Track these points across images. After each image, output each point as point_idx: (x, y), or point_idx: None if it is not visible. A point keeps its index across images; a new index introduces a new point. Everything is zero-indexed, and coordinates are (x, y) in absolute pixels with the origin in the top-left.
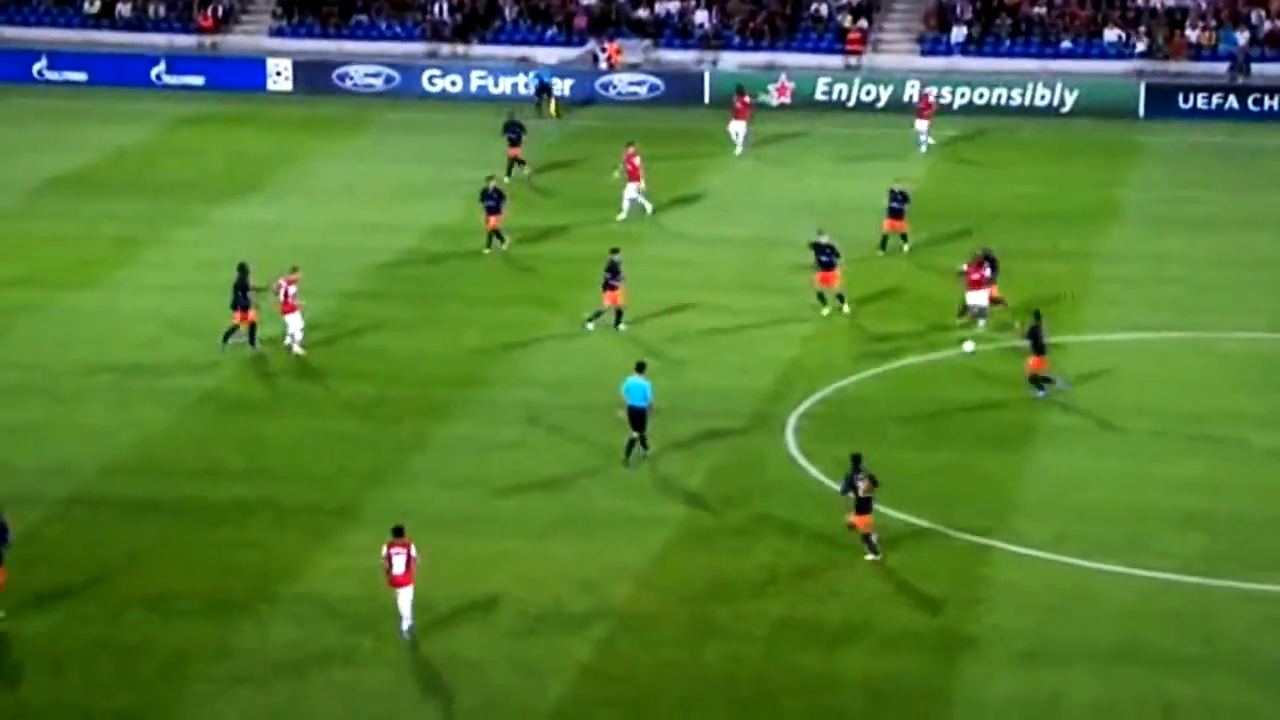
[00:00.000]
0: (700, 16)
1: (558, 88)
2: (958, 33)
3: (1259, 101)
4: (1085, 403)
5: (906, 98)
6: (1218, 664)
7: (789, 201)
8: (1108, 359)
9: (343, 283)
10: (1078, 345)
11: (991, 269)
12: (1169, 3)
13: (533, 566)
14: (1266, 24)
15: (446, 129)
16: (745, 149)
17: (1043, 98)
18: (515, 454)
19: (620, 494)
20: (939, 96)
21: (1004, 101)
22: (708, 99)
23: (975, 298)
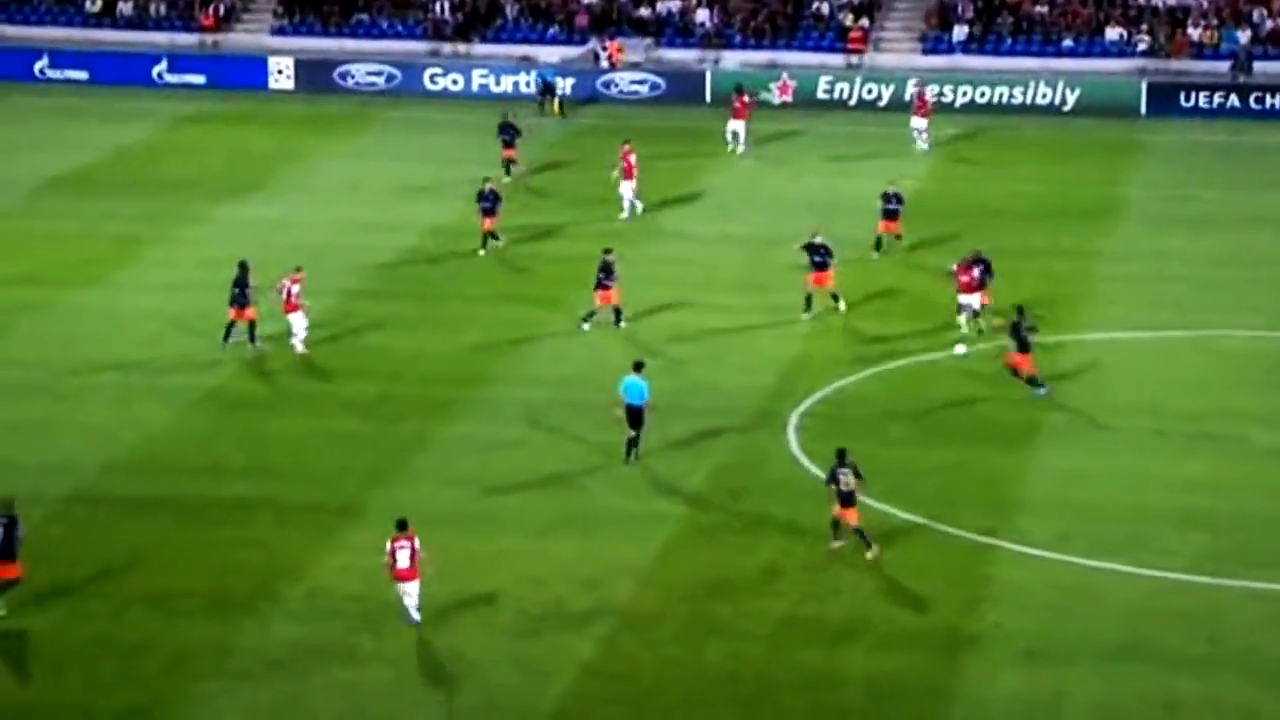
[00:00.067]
0: (701, 15)
1: (559, 87)
2: (959, 31)
3: (1260, 100)
4: (1087, 401)
5: (908, 96)
6: (1221, 663)
7: (790, 200)
8: (1109, 358)
9: (344, 281)
10: (1080, 344)
11: (985, 271)
12: (1170, 1)
13: (534, 565)
14: (1268, 22)
15: (448, 128)
16: (747, 148)
17: (1044, 96)
18: (517, 452)
19: (622, 492)
20: (939, 95)
21: (1005, 100)
22: (709, 98)
23: (966, 300)
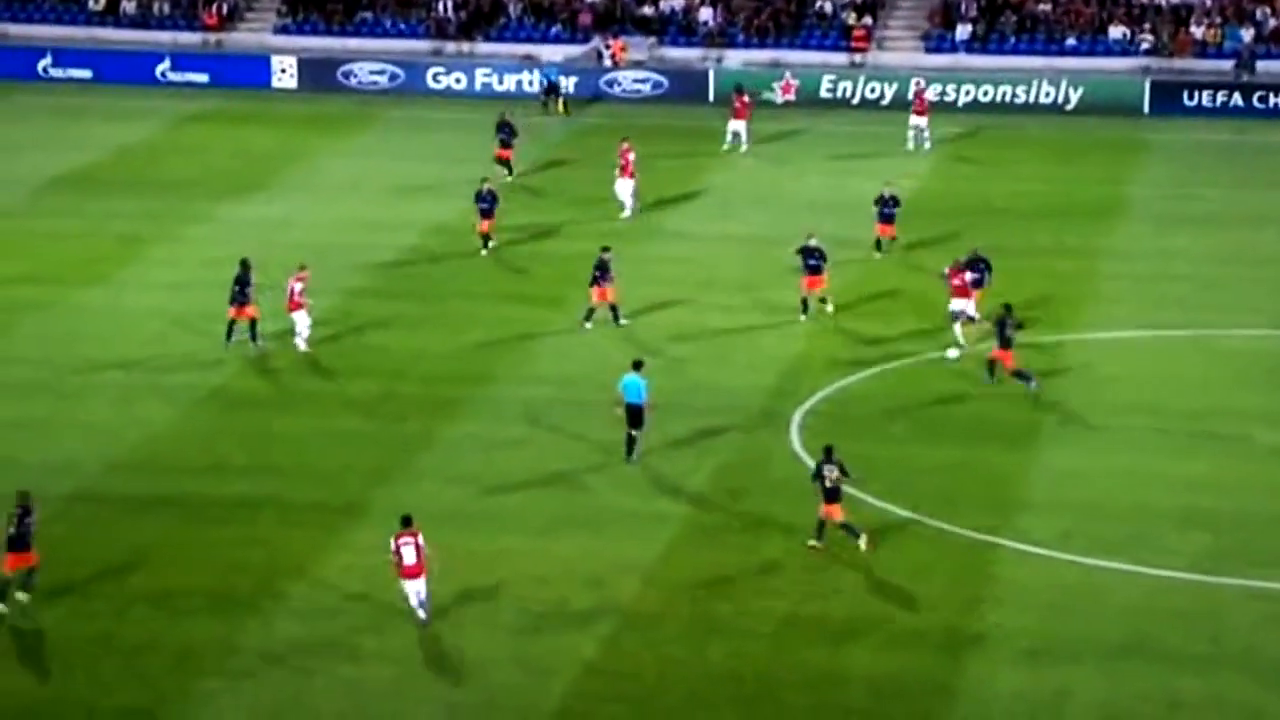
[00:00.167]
0: (705, 14)
1: (563, 85)
2: (962, 30)
3: (1264, 99)
4: (1089, 400)
5: (911, 95)
6: (1224, 661)
7: (793, 200)
8: (1112, 356)
9: (347, 280)
10: (1082, 343)
11: (986, 270)
12: (1174, 0)
13: (537, 563)
14: (1272, 21)
15: (451, 127)
16: (748, 147)
17: (1048, 95)
18: (519, 451)
19: (625, 491)
20: (941, 94)
21: (1009, 99)
22: (712, 96)
23: (957, 304)
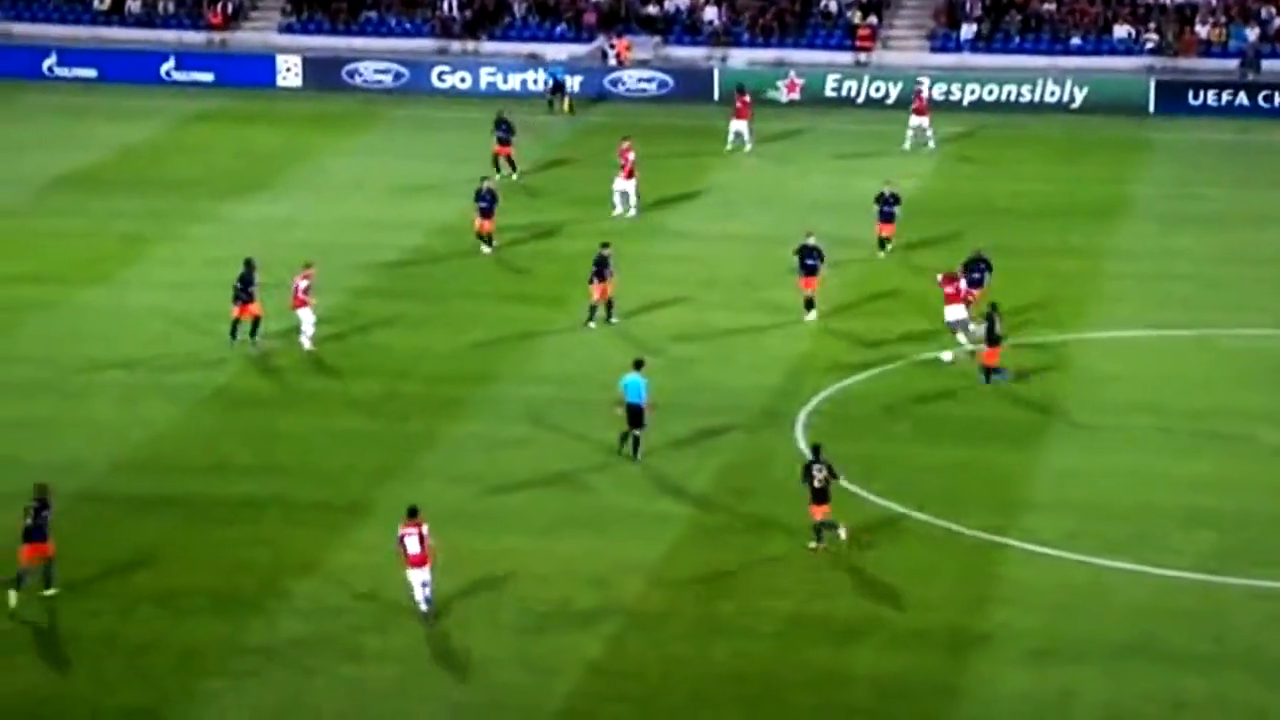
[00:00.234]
0: (710, 13)
1: (569, 84)
2: (967, 29)
3: (1269, 98)
4: (1093, 400)
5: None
6: (1228, 661)
7: (797, 199)
8: (1115, 356)
9: (351, 279)
10: (1086, 342)
11: (986, 271)
12: None
13: (540, 563)
14: (1277, 20)
15: (455, 126)
16: (752, 146)
17: (1052, 94)
18: (522, 451)
19: (629, 490)
20: (946, 93)
21: (1013, 98)
22: (717, 96)
23: (951, 313)
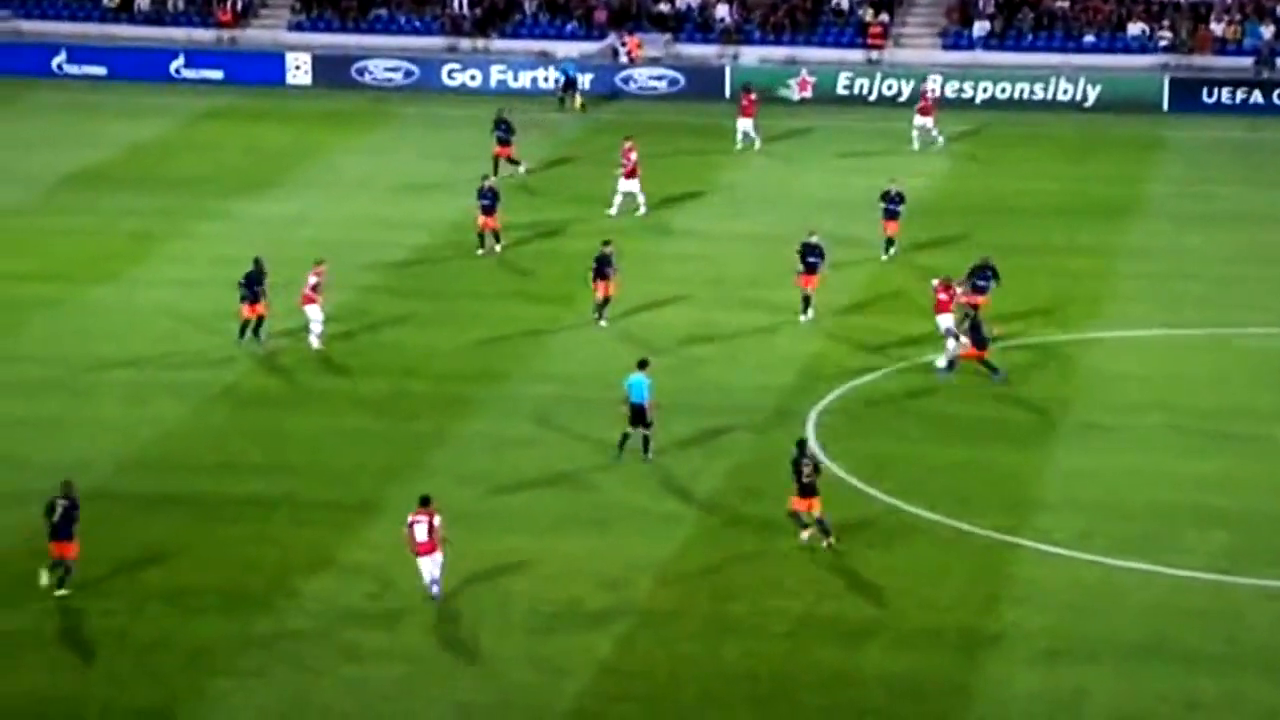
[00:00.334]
0: (721, 11)
1: (580, 81)
2: (980, 27)
3: None
4: (1105, 399)
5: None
6: (1241, 661)
7: (806, 197)
8: (1127, 355)
9: (360, 277)
10: (1098, 341)
11: (993, 279)
12: None
13: (549, 562)
14: None
15: (465, 124)
16: (760, 145)
17: (1065, 92)
18: (530, 450)
19: (639, 490)
20: (959, 90)
21: (1026, 96)
22: (728, 94)
23: (943, 320)
